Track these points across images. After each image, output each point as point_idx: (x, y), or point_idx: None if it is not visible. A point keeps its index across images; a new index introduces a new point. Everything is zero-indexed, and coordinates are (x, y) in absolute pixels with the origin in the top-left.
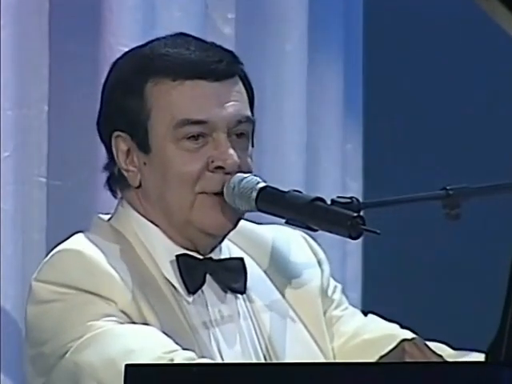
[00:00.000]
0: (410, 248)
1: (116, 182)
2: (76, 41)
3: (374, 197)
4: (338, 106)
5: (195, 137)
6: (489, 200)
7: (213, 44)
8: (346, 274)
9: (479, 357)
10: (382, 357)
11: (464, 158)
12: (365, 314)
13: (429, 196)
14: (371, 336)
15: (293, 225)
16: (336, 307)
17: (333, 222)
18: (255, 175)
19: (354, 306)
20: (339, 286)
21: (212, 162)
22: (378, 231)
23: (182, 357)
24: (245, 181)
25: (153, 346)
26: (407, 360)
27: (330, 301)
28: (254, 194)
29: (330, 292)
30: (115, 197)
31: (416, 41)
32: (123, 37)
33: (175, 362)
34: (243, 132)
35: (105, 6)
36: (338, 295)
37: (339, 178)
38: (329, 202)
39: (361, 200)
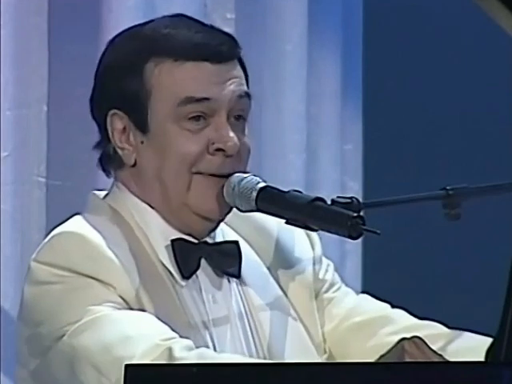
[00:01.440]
0: (410, 248)
1: (110, 161)
2: (75, 41)
3: (374, 197)
4: (336, 106)
5: (196, 118)
6: (489, 200)
7: (212, 26)
8: (346, 274)
9: (471, 337)
10: (381, 356)
11: (464, 158)
12: None
13: (429, 196)
14: (363, 318)
15: (293, 225)
16: (328, 289)
17: (333, 222)
18: (255, 175)
19: None
20: (331, 265)
21: (212, 143)
22: (378, 231)
23: (179, 345)
24: (245, 181)
25: (151, 333)
26: (407, 359)
27: (322, 282)
28: (254, 194)
29: (321, 274)
30: (108, 176)
31: (416, 41)
32: None
33: (173, 349)
34: (241, 114)
35: (104, 5)
36: (330, 275)
37: (338, 178)
38: (329, 202)
39: (361, 200)
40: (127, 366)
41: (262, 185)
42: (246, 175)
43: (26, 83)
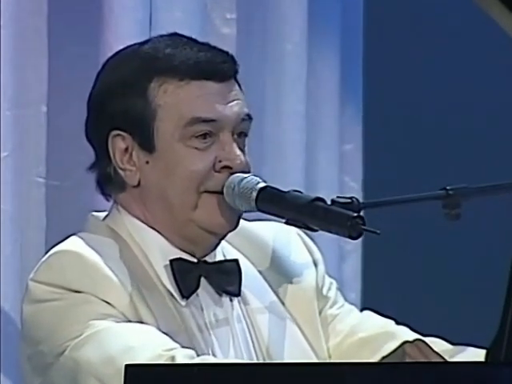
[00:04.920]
0: (410, 248)
1: (110, 183)
2: (76, 41)
3: (374, 197)
4: (337, 106)
5: (203, 135)
6: (489, 200)
7: (209, 45)
8: (346, 274)
9: (475, 352)
10: (383, 358)
11: (464, 158)
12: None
13: (429, 196)
14: (367, 334)
15: (293, 225)
16: (332, 305)
17: (333, 222)
18: (255, 175)
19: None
20: (334, 283)
21: (219, 161)
22: (378, 231)
23: (182, 354)
24: (245, 181)
25: (153, 344)
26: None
27: (326, 299)
28: (254, 194)
29: (325, 290)
30: (108, 199)
31: (416, 40)
32: (123, 37)
33: (176, 359)
34: (243, 131)
35: (105, 6)
36: (333, 292)
37: (338, 178)
38: (329, 202)
39: (361, 200)
40: (127, 366)
41: (261, 185)
42: (246, 175)
43: (26, 83)
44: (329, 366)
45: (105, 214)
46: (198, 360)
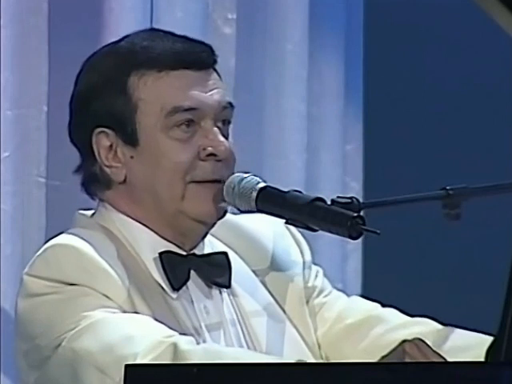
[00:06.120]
0: (411, 248)
1: (96, 181)
2: (76, 41)
3: (375, 197)
4: (338, 106)
5: (185, 124)
6: (489, 200)
7: (186, 37)
8: (346, 274)
9: (463, 334)
10: (383, 357)
11: (464, 158)
12: None
13: (429, 196)
14: (354, 320)
15: (293, 225)
16: (318, 294)
17: (333, 222)
18: (255, 175)
19: None
20: (321, 271)
21: (203, 149)
22: (378, 231)
23: (184, 340)
24: (245, 181)
25: (152, 332)
26: (407, 361)
27: (312, 288)
28: (254, 194)
29: (311, 280)
30: (93, 199)
31: (417, 41)
32: None
33: (178, 345)
34: (226, 119)
35: (105, 6)
36: (319, 281)
37: (339, 178)
38: (329, 202)
39: (361, 200)
40: (127, 366)
41: (261, 185)
42: (246, 175)
43: (26, 83)
44: (329, 366)
45: (91, 212)
46: (200, 347)
